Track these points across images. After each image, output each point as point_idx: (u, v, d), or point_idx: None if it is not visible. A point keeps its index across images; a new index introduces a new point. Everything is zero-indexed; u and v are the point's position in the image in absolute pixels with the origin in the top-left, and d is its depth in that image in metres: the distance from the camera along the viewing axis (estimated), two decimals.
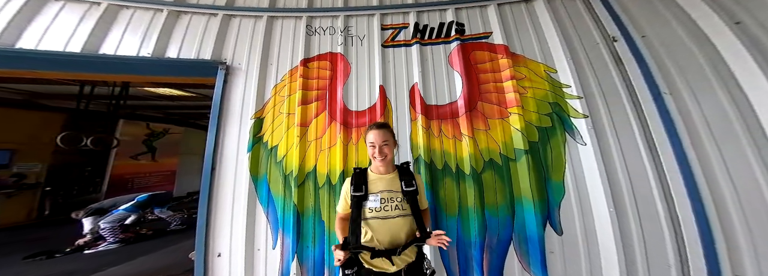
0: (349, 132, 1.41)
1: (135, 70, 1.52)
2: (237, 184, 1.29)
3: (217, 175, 1.30)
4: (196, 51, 1.53)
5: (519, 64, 1.49)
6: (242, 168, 1.31)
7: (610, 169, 1.16)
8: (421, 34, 1.63)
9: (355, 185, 0.89)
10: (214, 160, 1.31)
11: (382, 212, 0.85)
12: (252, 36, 1.62)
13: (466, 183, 1.26)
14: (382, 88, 1.48)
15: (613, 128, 1.22)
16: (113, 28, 1.57)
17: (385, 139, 0.90)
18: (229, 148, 1.36)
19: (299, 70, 1.53)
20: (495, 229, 1.20)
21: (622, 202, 1.12)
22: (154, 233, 2.78)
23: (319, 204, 1.29)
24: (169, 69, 1.51)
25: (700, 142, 1.06)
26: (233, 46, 1.59)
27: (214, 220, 1.23)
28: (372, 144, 0.90)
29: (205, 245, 1.17)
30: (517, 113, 1.35)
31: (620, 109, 1.25)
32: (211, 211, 1.24)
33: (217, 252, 1.20)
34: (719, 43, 1.08)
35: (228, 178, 1.30)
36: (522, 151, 1.28)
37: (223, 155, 1.34)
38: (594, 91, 1.31)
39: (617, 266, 1.04)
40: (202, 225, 1.18)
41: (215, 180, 1.29)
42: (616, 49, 1.35)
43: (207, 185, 1.24)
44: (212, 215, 1.23)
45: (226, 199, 1.27)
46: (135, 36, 1.55)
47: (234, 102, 1.45)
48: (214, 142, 1.32)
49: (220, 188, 1.28)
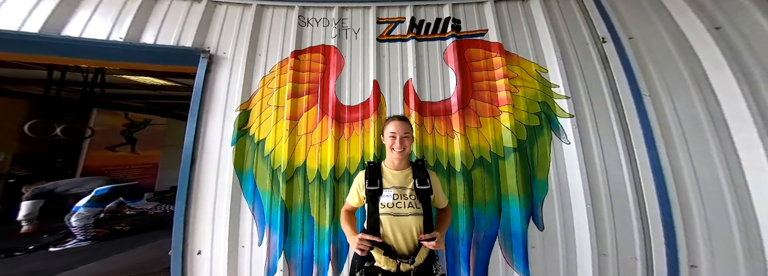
0: (341, 127, 1.38)
1: (104, 55, 1.39)
2: (220, 178, 1.23)
3: (197, 168, 1.24)
4: (176, 38, 1.43)
5: (512, 62, 1.50)
6: (226, 162, 1.26)
7: (590, 167, 1.22)
8: (418, 30, 1.60)
9: (369, 179, 0.89)
10: (194, 153, 1.25)
11: (395, 209, 0.84)
12: (239, 24, 1.53)
13: (457, 180, 1.28)
14: (375, 83, 1.46)
15: (596, 128, 1.27)
16: (79, 9, 1.42)
17: (406, 131, 0.89)
18: (211, 140, 1.29)
19: (290, 61, 1.47)
20: (482, 226, 1.24)
21: (598, 199, 1.18)
22: (133, 229, 2.61)
23: (309, 200, 1.27)
24: (144, 55, 1.40)
25: (672, 145, 1.13)
26: (218, 34, 1.50)
27: (193, 216, 1.19)
28: (393, 134, 0.89)
29: (184, 242, 1.13)
30: (508, 112, 1.37)
31: (603, 109, 1.30)
32: (191, 206, 1.19)
33: (197, 249, 1.15)
34: (698, 47, 1.13)
35: (210, 172, 1.24)
36: (511, 149, 1.31)
37: (204, 148, 1.28)
38: (581, 92, 1.35)
39: (590, 259, 1.10)
40: (179, 220, 1.14)
41: (195, 174, 1.23)
42: (604, 50, 1.39)
43: (186, 179, 1.18)
44: (191, 211, 1.18)
45: (207, 194, 1.22)
46: (105, 19, 1.42)
47: (217, 92, 1.37)
48: (195, 134, 1.25)
49: (200, 183, 1.23)
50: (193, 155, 1.24)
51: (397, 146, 0.88)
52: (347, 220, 0.95)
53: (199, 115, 1.30)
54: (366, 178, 0.90)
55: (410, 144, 0.92)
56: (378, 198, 0.86)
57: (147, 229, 2.62)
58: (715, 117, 1.05)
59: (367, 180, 0.89)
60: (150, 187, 3.84)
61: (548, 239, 1.19)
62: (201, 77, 1.34)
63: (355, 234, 0.85)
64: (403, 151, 0.89)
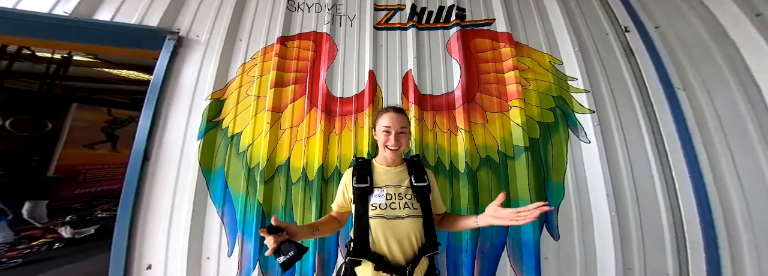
0: (332, 121, 1.23)
1: (43, 32, 1.16)
2: (180, 178, 1.06)
3: (151, 167, 1.06)
4: (140, 16, 1.25)
5: (522, 54, 1.37)
6: (189, 159, 1.08)
7: (614, 170, 1.07)
8: (419, 18, 1.48)
9: (358, 176, 0.75)
10: (148, 149, 1.06)
11: (388, 210, 0.70)
12: (219, 6, 1.38)
13: (460, 182, 1.13)
14: (371, 73, 1.31)
15: (620, 125, 1.13)
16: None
17: (403, 126, 0.76)
18: (172, 134, 1.12)
19: (275, 48, 1.32)
20: (488, 234, 1.09)
21: (624, 206, 1.03)
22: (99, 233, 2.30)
23: (291, 203, 1.11)
24: (97, 35, 1.19)
25: (712, 145, 0.98)
26: (192, 15, 1.34)
27: (142, 224, 1.00)
28: (387, 129, 0.75)
29: (128, 255, 0.94)
30: (518, 106, 1.23)
31: (628, 104, 1.15)
32: (140, 212, 1.00)
33: (147, 263, 0.96)
34: (737, 36, 1.00)
35: (168, 171, 1.07)
36: (521, 148, 1.16)
37: (162, 143, 1.10)
38: (601, 85, 1.21)
39: (613, 274, 0.96)
40: (123, 229, 0.94)
41: (148, 173, 1.05)
42: (627, 41, 1.26)
43: (134, 180, 0.99)
44: (140, 217, 1.00)
45: (162, 197, 1.04)
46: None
47: (184, 79, 1.20)
48: (151, 124, 1.08)
49: (155, 183, 1.05)
50: (146, 151, 1.06)
51: (392, 143, 0.74)
52: (324, 217, 0.81)
53: (157, 104, 1.12)
54: (354, 175, 0.76)
55: (407, 141, 0.78)
56: (368, 197, 0.72)
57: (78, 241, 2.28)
58: (760, 113, 0.91)
59: (355, 177, 0.75)
60: None
61: (564, 250, 1.04)
62: (164, 60, 1.16)
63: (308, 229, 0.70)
64: (397, 149, 0.75)
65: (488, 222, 0.68)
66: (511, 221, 0.62)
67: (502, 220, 0.64)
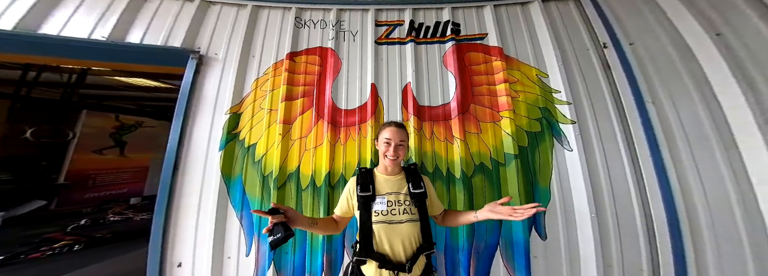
0: (337, 131, 1.34)
1: (84, 54, 1.33)
2: (205, 185, 1.16)
3: (180, 174, 1.17)
4: (164, 37, 1.38)
5: (512, 67, 1.48)
6: (212, 167, 1.19)
7: (593, 175, 1.18)
8: (417, 33, 1.58)
9: (361, 185, 0.84)
10: (177, 158, 1.17)
11: (389, 216, 0.79)
12: (233, 25, 1.49)
13: (457, 187, 1.23)
14: (373, 86, 1.42)
15: (599, 135, 1.25)
16: (61, 7, 1.37)
17: (402, 139, 0.86)
18: (197, 145, 1.23)
19: (285, 63, 1.42)
20: (483, 234, 1.19)
21: (603, 208, 1.14)
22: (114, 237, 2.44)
23: (302, 207, 1.21)
24: (129, 55, 1.34)
25: (677, 151, 1.10)
26: (210, 34, 1.46)
27: (174, 225, 1.11)
28: (388, 141, 0.85)
29: (162, 254, 1.05)
30: (508, 117, 1.34)
31: (606, 116, 1.27)
32: (171, 214, 1.11)
33: (177, 261, 1.07)
34: (699, 53, 1.12)
35: (194, 179, 1.17)
36: (512, 155, 1.27)
37: (189, 153, 1.21)
38: (582, 98, 1.33)
39: (595, 270, 1.06)
40: (158, 230, 1.06)
41: (178, 180, 1.16)
42: (604, 56, 1.38)
43: (167, 186, 1.11)
44: (172, 219, 1.11)
45: (190, 202, 1.14)
46: (89, 17, 1.36)
47: (206, 95, 1.32)
48: (179, 137, 1.19)
49: (184, 189, 1.16)
50: (176, 160, 1.17)
51: (391, 154, 0.84)
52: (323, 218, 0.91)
53: (185, 118, 1.23)
54: (358, 184, 0.86)
55: (404, 153, 0.88)
56: (371, 205, 0.81)
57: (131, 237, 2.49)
58: (720, 125, 1.03)
59: (359, 186, 0.85)
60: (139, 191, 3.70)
61: (551, 249, 1.14)
62: (189, 78, 1.28)
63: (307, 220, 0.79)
64: (396, 159, 0.85)
65: (487, 216, 0.81)
66: (508, 216, 0.75)
67: (500, 215, 0.77)
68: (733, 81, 0.99)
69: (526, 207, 0.72)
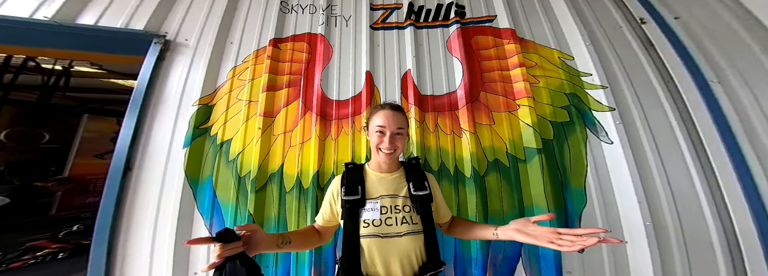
0: (328, 125, 1.17)
1: (21, 38, 1.10)
2: (165, 189, 0.99)
3: (134, 177, 1.00)
4: (125, 20, 1.23)
5: (529, 50, 1.30)
6: (174, 168, 1.02)
7: (644, 173, 0.94)
8: (416, 16, 1.43)
9: (347, 186, 0.65)
10: (130, 157, 1.01)
11: (383, 227, 0.60)
12: (210, 9, 1.36)
13: (467, 188, 1.04)
14: (368, 74, 1.26)
15: (646, 123, 1.01)
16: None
17: (399, 126, 0.65)
18: (157, 142, 1.07)
19: (268, 50, 1.28)
20: (500, 244, 0.99)
21: (660, 214, 0.90)
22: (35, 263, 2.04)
23: (285, 213, 1.03)
24: (77, 40, 1.13)
25: (760, 143, 0.85)
26: (181, 18, 1.32)
27: (124, 238, 0.94)
28: (381, 129, 0.64)
29: (107, 272, 0.87)
30: (527, 105, 1.14)
31: (654, 100, 1.04)
32: (120, 225, 0.94)
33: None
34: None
35: (152, 182, 1.01)
36: (534, 150, 1.06)
37: (146, 151, 1.05)
38: (620, 80, 1.11)
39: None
40: (102, 244, 0.87)
41: (130, 184, 0.99)
42: (644, 33, 1.16)
43: (114, 192, 0.92)
44: (121, 231, 0.94)
45: (146, 209, 0.97)
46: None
47: (171, 84, 1.16)
48: (134, 134, 1.02)
49: (137, 195, 0.99)
50: (128, 160, 1.00)
51: (386, 146, 0.64)
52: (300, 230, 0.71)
53: (141, 111, 1.07)
54: (342, 185, 0.66)
55: (403, 144, 0.67)
56: (359, 212, 0.62)
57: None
58: None
59: (344, 187, 0.66)
60: None
61: (591, 264, 0.92)
62: (150, 65, 1.12)
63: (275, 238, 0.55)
64: (392, 152, 0.65)
65: (511, 236, 0.55)
66: (548, 243, 0.48)
67: (534, 240, 0.50)
68: None
69: (581, 232, 0.45)
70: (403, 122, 0.67)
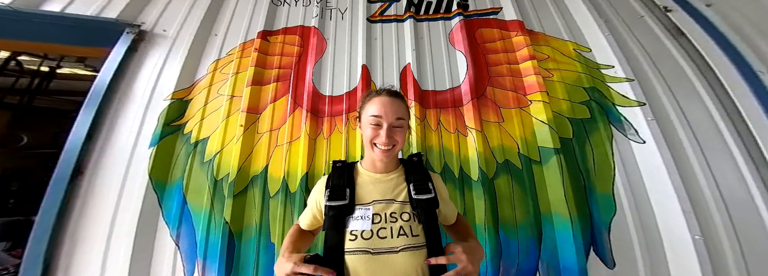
0: (319, 122, 1.07)
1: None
2: (124, 194, 0.86)
3: (85, 182, 0.86)
4: (98, 8, 1.14)
5: (539, 42, 1.22)
6: (137, 170, 0.90)
7: (687, 178, 0.80)
8: (417, 9, 1.37)
9: (333, 188, 0.53)
10: (81, 160, 0.86)
11: (375, 241, 0.47)
12: (194, 1, 1.29)
13: (473, 192, 0.92)
14: (365, 68, 1.17)
15: (685, 119, 0.87)
16: None
17: (399, 116, 0.53)
18: (119, 141, 0.94)
19: (256, 43, 1.20)
20: (514, 257, 0.86)
21: (711, 226, 0.75)
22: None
23: (269, 221, 0.91)
24: (42, 28, 0.99)
25: None
26: (162, 8, 1.25)
27: (67, 255, 0.78)
28: (376, 120, 0.52)
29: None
30: (541, 101, 1.02)
31: (691, 93, 0.91)
32: (63, 240, 0.79)
33: None
34: None
35: (108, 187, 0.87)
36: (550, 150, 0.94)
37: (103, 152, 0.91)
38: (648, 73, 0.99)
39: None
40: (36, 261, 0.69)
41: (80, 191, 0.84)
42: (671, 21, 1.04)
43: (58, 198, 0.76)
44: (63, 247, 0.78)
45: (98, 219, 0.83)
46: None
47: (141, 77, 1.06)
48: (90, 132, 0.89)
49: (87, 203, 0.84)
50: (79, 162, 0.85)
51: (382, 141, 0.51)
52: (294, 235, 0.58)
53: (101, 106, 0.94)
54: (327, 187, 0.54)
55: (404, 138, 0.55)
56: (346, 220, 0.49)
57: None
58: None
59: (329, 189, 0.53)
60: None
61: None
62: (118, 56, 1.01)
63: (291, 252, 0.48)
64: (390, 148, 0.53)
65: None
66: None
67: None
68: None
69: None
70: (403, 112, 0.54)
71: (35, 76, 2.69)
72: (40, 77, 2.71)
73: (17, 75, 2.61)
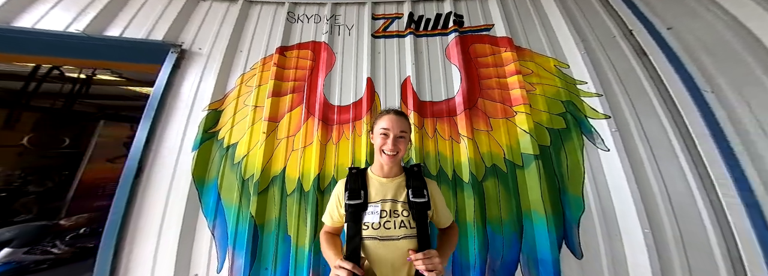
0: (329, 129, 1.21)
1: (56, 49, 1.23)
2: (173, 190, 1.04)
3: (145, 179, 1.05)
4: (147, 31, 1.33)
5: (525, 58, 1.34)
6: (183, 170, 1.07)
7: (641, 180, 0.95)
8: (416, 25, 1.50)
9: (350, 190, 0.69)
10: (143, 160, 1.06)
11: (382, 230, 0.64)
12: (222, 20, 1.45)
13: (465, 193, 1.05)
14: (369, 80, 1.31)
15: (642, 131, 1.02)
16: (39, 1, 1.30)
17: (402, 130, 0.71)
18: (167, 145, 1.12)
19: (274, 58, 1.35)
20: (499, 250, 0.99)
21: (659, 221, 0.90)
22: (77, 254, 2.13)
23: (286, 215, 1.06)
24: (105, 50, 1.25)
25: (752, 147, 0.86)
26: (197, 29, 1.42)
27: (130, 239, 0.97)
28: (385, 132, 0.69)
29: (112, 272, 0.90)
30: (524, 112, 1.16)
31: (648, 108, 1.06)
32: (128, 226, 0.98)
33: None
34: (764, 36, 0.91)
35: (161, 184, 1.05)
36: (531, 156, 1.08)
37: (157, 154, 1.10)
38: (615, 88, 1.13)
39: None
40: (109, 245, 0.91)
41: (141, 186, 1.03)
42: (637, 42, 1.18)
43: (126, 193, 0.97)
44: (128, 232, 0.97)
45: (153, 210, 1.01)
46: (67, 11, 1.30)
47: (184, 90, 1.24)
48: (148, 137, 1.08)
49: (146, 196, 1.03)
50: (141, 163, 1.05)
51: (389, 148, 0.68)
52: (329, 242, 0.73)
53: (156, 116, 1.13)
54: (346, 190, 0.70)
55: (405, 147, 0.72)
56: (361, 215, 0.66)
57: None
58: None
59: (348, 191, 0.69)
60: None
61: (589, 270, 0.91)
62: (166, 73, 1.21)
63: (338, 258, 0.64)
64: (395, 154, 0.69)
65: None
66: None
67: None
68: None
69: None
70: (406, 127, 0.72)
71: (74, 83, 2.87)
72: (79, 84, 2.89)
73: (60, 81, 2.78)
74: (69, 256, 2.15)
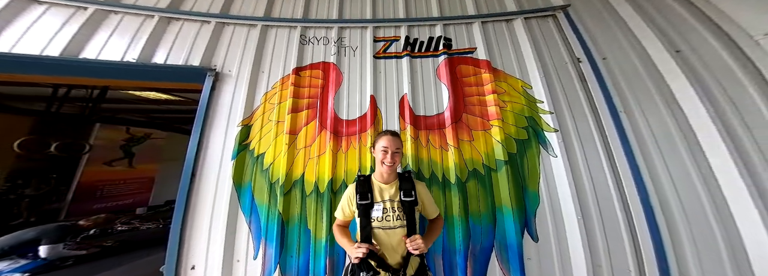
0: (339, 140, 1.43)
1: (117, 74, 1.49)
2: (218, 192, 1.25)
3: (197, 182, 1.26)
4: (185, 57, 1.51)
5: (499, 79, 1.59)
6: (225, 176, 1.28)
7: (577, 179, 1.27)
8: (412, 47, 1.71)
9: (361, 193, 0.92)
10: (195, 166, 1.28)
11: (384, 222, 0.88)
12: (245, 44, 1.63)
13: (452, 192, 1.31)
14: (372, 98, 1.52)
15: (580, 142, 1.35)
16: (98, 33, 1.53)
17: (398, 147, 0.94)
18: (212, 155, 1.33)
19: (291, 78, 1.55)
20: (478, 237, 1.24)
21: (588, 211, 1.22)
22: (121, 245, 2.48)
23: (306, 212, 1.28)
24: (154, 74, 1.50)
25: (649, 158, 1.21)
26: (225, 53, 1.59)
27: (189, 230, 1.19)
28: (385, 149, 0.93)
29: (178, 257, 1.12)
30: (498, 126, 1.43)
31: (585, 125, 1.39)
32: (188, 220, 1.19)
33: (191, 264, 1.14)
34: (663, 68, 1.25)
35: (209, 186, 1.27)
36: (502, 161, 1.35)
37: (205, 162, 1.31)
38: (563, 107, 1.45)
39: (585, 271, 1.11)
40: (175, 235, 1.13)
41: (194, 188, 1.25)
42: (580, 69, 1.51)
43: (185, 193, 1.20)
44: (188, 225, 1.19)
45: (204, 208, 1.23)
46: (121, 40, 1.52)
47: (221, 109, 1.43)
48: (197, 148, 1.30)
49: (199, 196, 1.25)
50: (193, 169, 1.27)
51: (388, 161, 0.92)
52: (342, 233, 0.97)
53: (202, 130, 1.34)
54: (357, 193, 0.94)
55: (399, 159, 0.96)
56: (370, 212, 0.89)
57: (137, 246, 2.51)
58: (685, 130, 1.14)
59: (358, 194, 0.93)
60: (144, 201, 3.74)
61: (543, 251, 1.20)
62: (206, 94, 1.40)
63: (352, 244, 0.89)
64: (392, 165, 0.93)
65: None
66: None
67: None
68: (692, 92, 1.10)
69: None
70: (399, 144, 0.98)
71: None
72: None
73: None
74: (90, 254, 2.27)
